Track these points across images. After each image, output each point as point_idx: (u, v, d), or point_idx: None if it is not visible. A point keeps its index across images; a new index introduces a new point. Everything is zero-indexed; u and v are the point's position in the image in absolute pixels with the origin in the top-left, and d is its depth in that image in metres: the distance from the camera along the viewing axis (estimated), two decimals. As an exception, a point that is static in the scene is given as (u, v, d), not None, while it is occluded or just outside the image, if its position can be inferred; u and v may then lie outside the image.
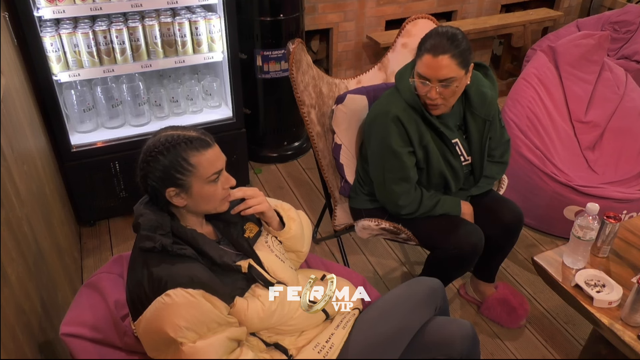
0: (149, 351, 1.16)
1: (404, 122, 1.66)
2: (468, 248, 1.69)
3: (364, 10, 3.60)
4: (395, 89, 1.75)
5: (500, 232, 1.82)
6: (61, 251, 2.00)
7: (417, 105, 1.67)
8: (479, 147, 1.80)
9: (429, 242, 1.78)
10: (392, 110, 1.67)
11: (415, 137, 1.68)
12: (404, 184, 1.72)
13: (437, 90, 1.59)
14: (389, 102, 1.72)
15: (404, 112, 1.67)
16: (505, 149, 1.91)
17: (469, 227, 1.72)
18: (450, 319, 1.41)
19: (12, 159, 1.54)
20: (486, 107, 1.76)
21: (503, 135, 1.89)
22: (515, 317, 2.01)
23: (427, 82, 1.59)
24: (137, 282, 1.12)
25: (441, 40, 1.55)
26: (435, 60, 1.55)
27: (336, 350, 1.30)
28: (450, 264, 1.74)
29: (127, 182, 2.52)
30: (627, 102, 2.76)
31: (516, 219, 1.82)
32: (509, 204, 1.85)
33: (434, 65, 1.56)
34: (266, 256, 1.30)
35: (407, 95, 1.68)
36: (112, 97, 2.47)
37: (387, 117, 1.67)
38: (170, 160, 1.13)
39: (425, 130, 1.70)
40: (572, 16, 4.58)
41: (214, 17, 2.41)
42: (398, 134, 1.67)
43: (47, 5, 2.08)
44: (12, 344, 1.18)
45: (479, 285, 2.07)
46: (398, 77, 1.75)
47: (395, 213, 1.78)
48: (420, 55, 1.60)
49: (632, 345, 1.34)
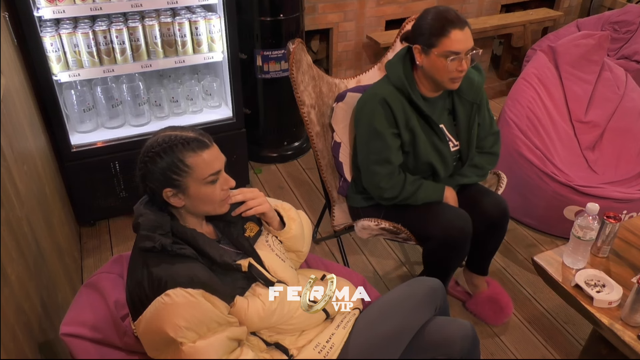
0: (149, 351, 1.16)
1: (390, 103, 1.70)
2: (455, 233, 1.70)
3: (364, 10, 3.60)
4: (384, 77, 1.80)
5: (484, 224, 1.83)
6: (61, 251, 2.00)
7: (405, 88, 1.72)
8: (467, 131, 1.84)
9: (419, 232, 1.79)
10: (379, 92, 1.73)
11: (402, 118, 1.72)
12: (386, 165, 1.74)
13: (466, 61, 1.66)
14: (377, 87, 1.78)
15: (391, 94, 1.72)
16: (495, 140, 1.94)
17: (453, 211, 1.75)
18: (450, 319, 1.41)
19: (12, 159, 1.54)
20: (473, 90, 1.82)
21: (492, 126, 1.92)
22: (500, 316, 2.03)
23: (456, 57, 1.63)
24: (137, 282, 1.12)
25: (455, 14, 1.63)
26: (463, 32, 1.62)
27: (336, 350, 1.30)
28: (442, 252, 1.75)
29: (127, 182, 2.52)
30: (627, 102, 2.76)
31: (500, 211, 1.83)
32: (493, 196, 1.86)
33: (465, 38, 1.62)
34: (267, 255, 1.30)
35: (395, 80, 1.74)
36: (112, 97, 2.47)
37: (375, 99, 1.73)
38: (167, 161, 1.13)
39: (411, 113, 1.74)
40: (572, 16, 4.58)
41: (214, 17, 2.41)
42: (384, 115, 1.71)
43: (47, 5, 2.08)
44: (12, 344, 1.18)
45: (473, 277, 2.07)
46: (388, 65, 1.80)
47: (377, 197, 1.81)
48: (443, 34, 1.61)
49: (632, 345, 1.34)
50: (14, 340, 1.20)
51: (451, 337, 1.34)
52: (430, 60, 1.67)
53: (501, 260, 2.39)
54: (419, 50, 1.69)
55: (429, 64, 1.68)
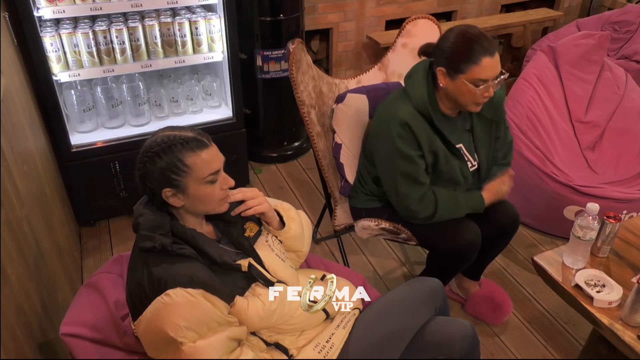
0: (149, 351, 1.16)
1: (413, 128, 1.63)
2: (465, 245, 1.69)
3: (364, 10, 3.60)
4: (402, 93, 1.72)
5: (495, 232, 1.82)
6: (61, 251, 2.00)
7: (427, 111, 1.65)
8: (487, 148, 1.79)
9: (427, 240, 1.78)
10: (399, 115, 1.64)
11: (425, 142, 1.66)
12: (417, 187, 1.68)
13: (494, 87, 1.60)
14: (397, 108, 1.68)
15: (412, 117, 1.64)
16: (508, 149, 1.90)
17: (465, 224, 1.72)
18: (450, 319, 1.41)
19: (12, 159, 1.54)
20: (493, 107, 1.75)
21: (507, 136, 1.88)
22: (499, 314, 2.02)
23: (485, 85, 1.56)
24: (137, 282, 1.12)
25: (486, 39, 1.55)
26: (493, 59, 1.54)
27: (336, 350, 1.30)
28: (448, 261, 1.75)
29: (127, 182, 2.52)
30: (627, 102, 2.76)
31: (512, 220, 1.82)
32: (505, 205, 1.84)
33: (494, 65, 1.55)
34: (267, 255, 1.30)
35: (417, 102, 1.65)
36: (112, 97, 2.47)
37: (396, 122, 1.64)
38: (166, 161, 1.13)
39: (434, 137, 1.67)
40: (572, 16, 4.58)
41: (214, 17, 2.41)
42: (408, 139, 1.64)
43: (47, 5, 2.08)
44: (12, 344, 1.18)
45: (464, 282, 2.07)
46: (410, 84, 1.70)
47: (410, 219, 1.74)
48: (473, 62, 1.53)
49: (632, 345, 1.34)
50: (14, 340, 1.20)
51: (451, 337, 1.34)
52: (455, 85, 1.59)
53: (501, 260, 2.39)
54: (443, 72, 1.60)
55: (454, 88, 1.60)
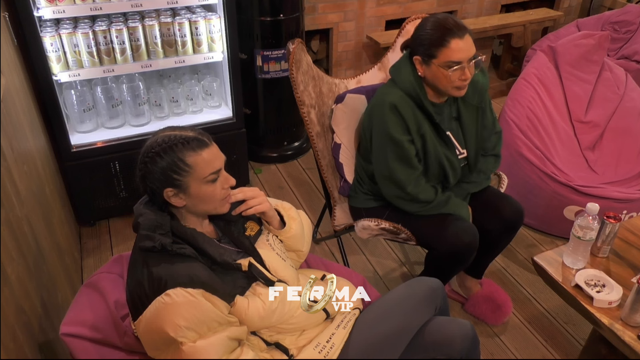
0: (149, 351, 1.16)
1: (401, 110, 1.66)
2: (462, 246, 1.69)
3: (364, 10, 3.60)
4: (390, 81, 1.76)
5: (500, 227, 1.82)
6: (61, 251, 2.00)
7: (415, 93, 1.67)
8: (474, 135, 1.81)
9: (425, 241, 1.78)
10: (387, 99, 1.68)
11: (413, 125, 1.67)
12: (410, 171, 1.69)
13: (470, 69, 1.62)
14: (385, 93, 1.72)
15: (400, 100, 1.67)
16: (497, 140, 1.92)
17: (462, 225, 1.71)
18: (450, 319, 1.41)
19: (12, 159, 1.54)
20: (478, 94, 1.78)
21: (495, 125, 1.90)
22: (500, 314, 2.02)
23: (459, 67, 1.59)
24: (137, 282, 1.12)
25: (454, 22, 1.59)
26: (463, 40, 1.57)
27: (337, 350, 1.30)
28: (447, 261, 1.75)
29: (127, 182, 2.52)
30: (627, 102, 2.76)
31: (517, 215, 1.82)
32: (509, 200, 1.85)
33: (465, 46, 1.58)
34: (267, 254, 1.30)
35: (405, 85, 1.68)
36: (112, 97, 2.47)
37: (384, 106, 1.67)
38: (167, 161, 1.13)
39: (422, 120, 1.69)
40: (572, 16, 4.58)
41: (214, 17, 2.41)
42: (397, 123, 1.66)
43: (47, 5, 2.08)
44: (12, 344, 1.18)
45: (466, 280, 2.07)
46: (394, 70, 1.75)
47: (409, 204, 1.74)
48: (442, 45, 1.58)
49: (632, 345, 1.34)
50: (14, 340, 1.20)
51: (451, 337, 1.34)
52: (431, 71, 1.63)
53: (501, 260, 2.39)
54: (419, 61, 1.66)
55: (430, 75, 1.64)
